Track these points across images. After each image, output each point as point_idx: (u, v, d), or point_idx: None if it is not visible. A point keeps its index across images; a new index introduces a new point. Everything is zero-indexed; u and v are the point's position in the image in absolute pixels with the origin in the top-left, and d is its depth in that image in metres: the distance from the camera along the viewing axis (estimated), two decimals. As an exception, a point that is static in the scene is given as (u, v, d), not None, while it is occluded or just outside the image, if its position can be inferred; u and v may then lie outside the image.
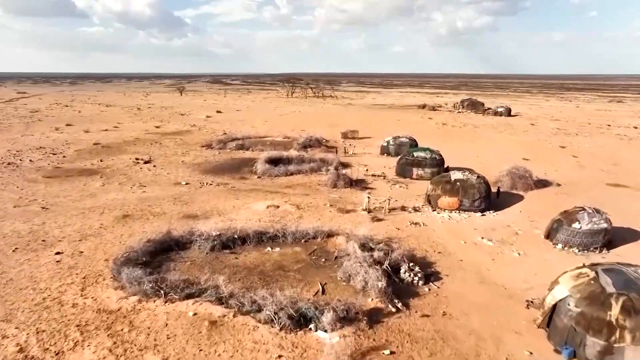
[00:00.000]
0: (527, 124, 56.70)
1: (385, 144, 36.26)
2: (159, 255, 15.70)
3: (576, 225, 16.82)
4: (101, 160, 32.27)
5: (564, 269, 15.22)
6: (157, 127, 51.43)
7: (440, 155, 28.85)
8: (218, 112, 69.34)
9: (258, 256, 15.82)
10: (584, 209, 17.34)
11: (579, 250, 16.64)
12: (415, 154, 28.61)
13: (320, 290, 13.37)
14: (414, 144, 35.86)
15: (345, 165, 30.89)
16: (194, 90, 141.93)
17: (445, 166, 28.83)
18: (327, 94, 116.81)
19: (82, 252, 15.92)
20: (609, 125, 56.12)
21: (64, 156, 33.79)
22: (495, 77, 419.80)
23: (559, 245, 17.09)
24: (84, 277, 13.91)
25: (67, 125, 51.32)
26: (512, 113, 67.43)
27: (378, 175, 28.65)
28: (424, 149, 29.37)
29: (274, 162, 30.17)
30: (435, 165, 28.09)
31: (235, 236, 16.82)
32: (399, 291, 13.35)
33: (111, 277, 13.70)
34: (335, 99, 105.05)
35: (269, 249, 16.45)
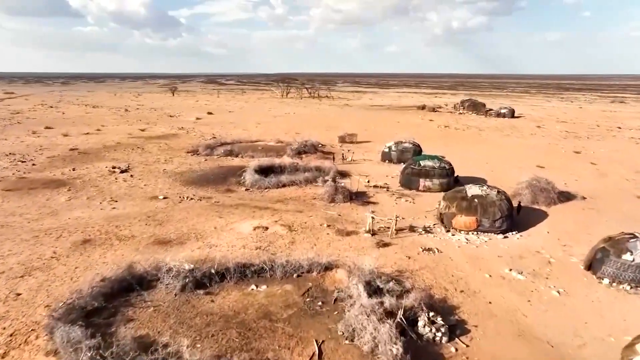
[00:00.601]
0: (533, 127, 53.78)
1: (387, 150, 33.15)
2: (117, 297, 12.57)
3: (627, 256, 13.82)
4: (73, 169, 28.98)
5: (618, 313, 12.26)
6: (143, 130, 48.14)
7: (450, 165, 25.81)
8: (209, 113, 66.07)
9: (239, 298, 12.72)
10: (635, 236, 14.32)
11: (632, 287, 13.64)
12: (421, 162, 25.54)
13: (317, 352, 10.30)
14: (418, 149, 32.81)
15: (344, 175, 27.82)
16: (186, 91, 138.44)
17: (455, 175, 25.85)
18: (323, 94, 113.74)
19: (20, 294, 12.74)
20: (620, 128, 53.30)
21: (34, 164, 30.49)
22: (491, 77, 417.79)
23: (606, 280, 14.09)
24: (11, 335, 10.75)
25: (47, 128, 47.89)
26: (515, 114, 64.58)
27: (381, 187, 25.59)
28: (432, 157, 26.31)
29: (264, 171, 27.05)
30: (444, 176, 25.06)
31: (213, 271, 13.74)
32: (418, 352, 10.30)
33: (46, 336, 10.57)
34: (331, 99, 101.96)
35: (253, 287, 13.36)
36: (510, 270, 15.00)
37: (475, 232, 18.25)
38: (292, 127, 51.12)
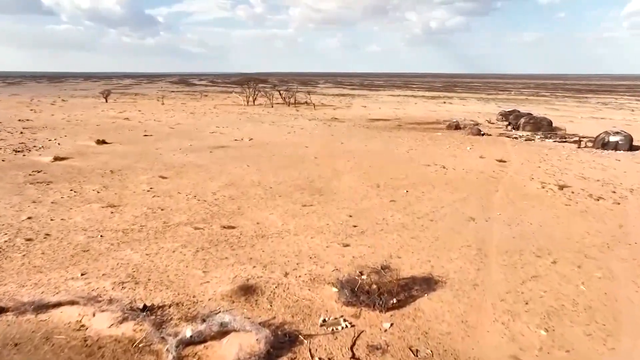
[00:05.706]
0: None
1: None
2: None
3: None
4: None
5: None
6: None
7: None
8: (100, 142, 36.09)
9: None
10: None
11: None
12: None
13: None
14: None
15: None
16: (134, 94, 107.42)
17: None
18: (301, 98, 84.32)
19: None
20: None
21: None
22: (479, 76, 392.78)
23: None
24: None
25: None
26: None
27: None
28: None
29: None
30: None
31: None
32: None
33: None
34: (312, 108, 72.73)
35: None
36: None
37: None
38: (227, 190, 21.86)
